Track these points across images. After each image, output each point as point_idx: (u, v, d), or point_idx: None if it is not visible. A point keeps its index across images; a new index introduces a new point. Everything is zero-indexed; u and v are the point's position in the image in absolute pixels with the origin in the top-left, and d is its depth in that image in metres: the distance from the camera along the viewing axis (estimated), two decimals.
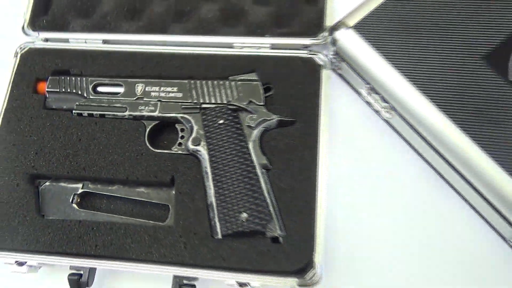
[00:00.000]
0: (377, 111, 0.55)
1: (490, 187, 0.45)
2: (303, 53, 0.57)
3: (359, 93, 0.57)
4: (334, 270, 0.52)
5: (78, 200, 0.55)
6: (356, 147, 0.56)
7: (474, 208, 0.51)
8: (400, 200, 0.54)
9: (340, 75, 0.58)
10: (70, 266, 0.51)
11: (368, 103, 0.56)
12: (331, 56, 0.56)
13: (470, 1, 0.50)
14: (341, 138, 0.57)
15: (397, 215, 0.53)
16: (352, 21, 0.52)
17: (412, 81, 0.49)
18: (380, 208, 0.54)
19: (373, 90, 0.53)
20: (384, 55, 0.50)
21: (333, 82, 0.59)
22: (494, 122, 0.47)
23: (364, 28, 0.52)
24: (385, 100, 0.52)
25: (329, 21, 0.57)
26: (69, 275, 0.51)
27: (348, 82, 0.58)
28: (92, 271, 0.52)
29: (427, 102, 0.48)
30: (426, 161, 0.53)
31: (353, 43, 0.52)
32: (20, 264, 0.52)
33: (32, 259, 0.52)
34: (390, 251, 0.53)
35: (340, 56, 0.54)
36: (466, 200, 0.52)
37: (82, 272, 0.51)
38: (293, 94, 0.56)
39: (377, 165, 0.55)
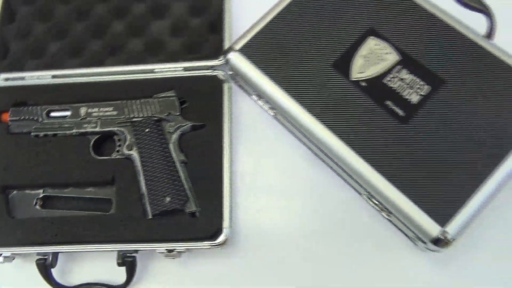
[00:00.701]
0: (266, 111, 0.72)
1: (338, 158, 0.63)
2: (209, 72, 0.74)
3: (253, 98, 0.74)
4: (241, 235, 0.68)
5: (41, 202, 0.70)
6: (255, 138, 0.73)
7: (340, 175, 0.68)
8: (289, 177, 0.70)
9: (240, 86, 0.75)
10: (37, 253, 0.66)
11: (260, 105, 0.73)
12: (230, 73, 0.73)
13: (318, 24, 0.68)
14: (243, 133, 0.73)
15: (287, 187, 0.70)
16: (238, 46, 0.69)
17: (283, 87, 0.66)
18: (274, 184, 0.70)
19: (259, 96, 0.70)
20: (261, 69, 0.67)
21: (235, 91, 0.75)
22: (341, 110, 0.64)
23: (247, 50, 0.68)
24: (267, 102, 0.69)
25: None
26: (37, 260, 0.65)
27: (245, 90, 0.75)
28: (55, 255, 0.66)
29: (294, 102, 0.65)
30: (304, 143, 0.70)
31: (239, 62, 0.69)
32: None
33: (6, 251, 0.66)
34: (283, 218, 0.69)
35: (234, 72, 0.71)
36: (332, 169, 0.69)
37: (47, 257, 0.66)
38: (203, 104, 0.72)
39: (270, 151, 0.72)
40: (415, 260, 0.66)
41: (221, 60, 0.73)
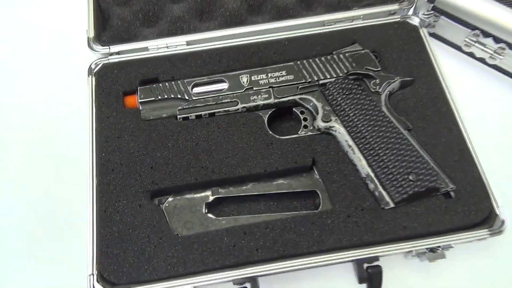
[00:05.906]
0: (481, 59, 0.56)
1: None
2: (395, 18, 0.58)
3: (458, 47, 0.57)
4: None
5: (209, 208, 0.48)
6: (470, 93, 0.57)
7: None
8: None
9: (433, 34, 0.59)
10: (233, 281, 0.43)
11: (470, 53, 0.57)
12: (424, 16, 0.57)
13: None
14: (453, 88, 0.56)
15: None
16: None
17: None
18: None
19: (482, 34, 0.53)
20: None
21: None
22: None
23: None
24: (497, 41, 0.53)
25: None
26: None
27: (444, 39, 0.58)
28: (256, 280, 0.44)
29: None
30: None
31: None
32: None
33: (185, 283, 0.43)
34: None
35: (441, 11, 0.55)
36: None
37: (245, 285, 0.43)
38: (399, 56, 0.55)
39: (482, 105, 0.57)
40: None
41: (406, 3, 0.57)
